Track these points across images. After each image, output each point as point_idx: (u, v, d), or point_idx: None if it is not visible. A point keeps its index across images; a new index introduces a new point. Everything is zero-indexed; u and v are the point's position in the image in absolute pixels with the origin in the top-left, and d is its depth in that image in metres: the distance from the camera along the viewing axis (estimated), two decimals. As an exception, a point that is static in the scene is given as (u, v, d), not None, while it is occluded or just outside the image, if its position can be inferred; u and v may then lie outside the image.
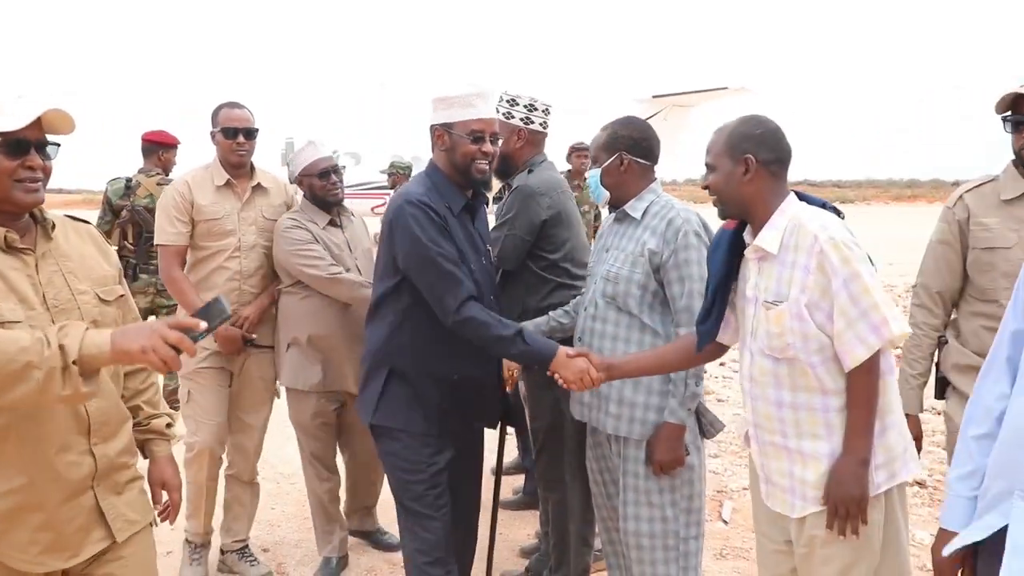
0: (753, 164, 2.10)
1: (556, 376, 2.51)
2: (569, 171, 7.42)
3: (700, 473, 2.63)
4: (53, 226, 1.84)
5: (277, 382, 3.54)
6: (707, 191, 2.21)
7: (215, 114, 3.45)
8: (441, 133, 2.60)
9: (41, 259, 1.78)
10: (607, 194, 2.73)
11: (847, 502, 2.00)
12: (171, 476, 2.13)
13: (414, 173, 3.97)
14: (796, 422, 2.09)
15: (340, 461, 3.71)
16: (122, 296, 1.97)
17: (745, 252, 2.20)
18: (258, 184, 3.47)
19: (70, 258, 1.86)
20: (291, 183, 3.56)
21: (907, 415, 2.35)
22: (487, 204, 2.85)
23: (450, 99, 2.57)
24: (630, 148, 2.68)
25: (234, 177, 3.42)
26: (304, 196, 3.47)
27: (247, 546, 3.60)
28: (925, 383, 2.76)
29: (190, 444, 3.38)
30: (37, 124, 1.74)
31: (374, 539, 3.84)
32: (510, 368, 3.05)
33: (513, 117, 3.19)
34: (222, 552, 3.58)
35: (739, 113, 2.21)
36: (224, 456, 3.52)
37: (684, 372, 2.53)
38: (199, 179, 3.41)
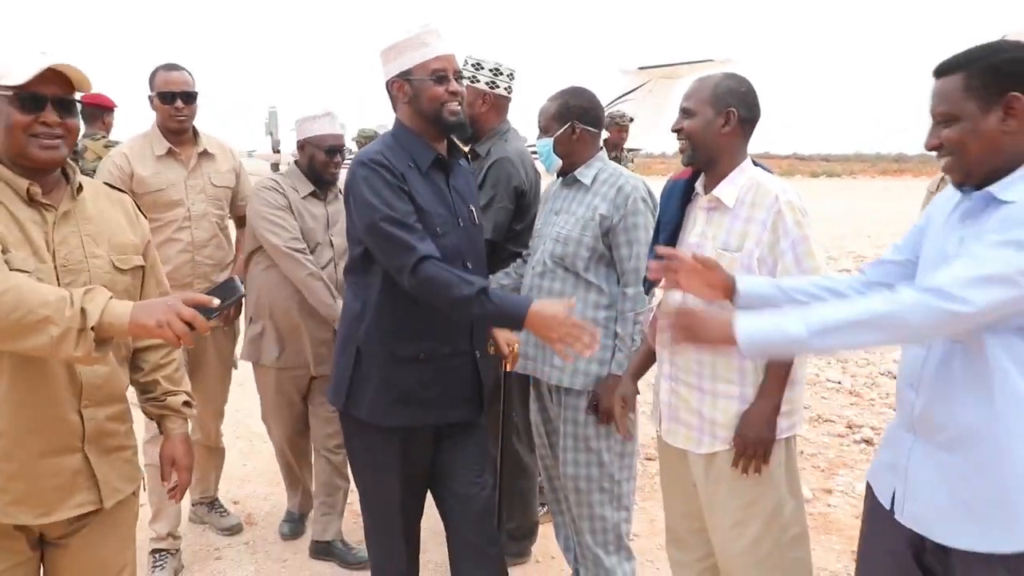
0: (734, 118, 2.21)
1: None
2: (606, 141, 7.09)
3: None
4: (80, 187, 1.85)
5: (236, 355, 3.52)
6: (677, 133, 2.28)
7: (151, 77, 3.27)
8: (400, 84, 2.34)
9: (61, 217, 1.80)
10: (558, 162, 2.85)
11: (756, 443, 2.18)
12: (182, 455, 2.09)
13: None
14: (713, 364, 2.25)
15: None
16: (140, 267, 1.96)
17: (695, 202, 2.34)
18: (204, 150, 3.34)
19: (92, 221, 1.86)
20: (295, 143, 3.36)
21: None
22: (467, 160, 2.62)
23: (399, 45, 2.33)
24: (580, 117, 2.81)
25: (176, 144, 3.27)
26: (295, 161, 3.33)
27: (217, 499, 3.73)
28: None
29: (148, 425, 3.17)
30: (57, 80, 1.73)
31: (337, 552, 3.45)
32: (509, 342, 2.84)
33: (479, 81, 3.25)
34: (192, 504, 3.72)
35: None
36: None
37: (630, 327, 2.69)
38: (137, 149, 3.25)
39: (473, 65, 3.27)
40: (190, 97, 3.26)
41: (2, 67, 1.71)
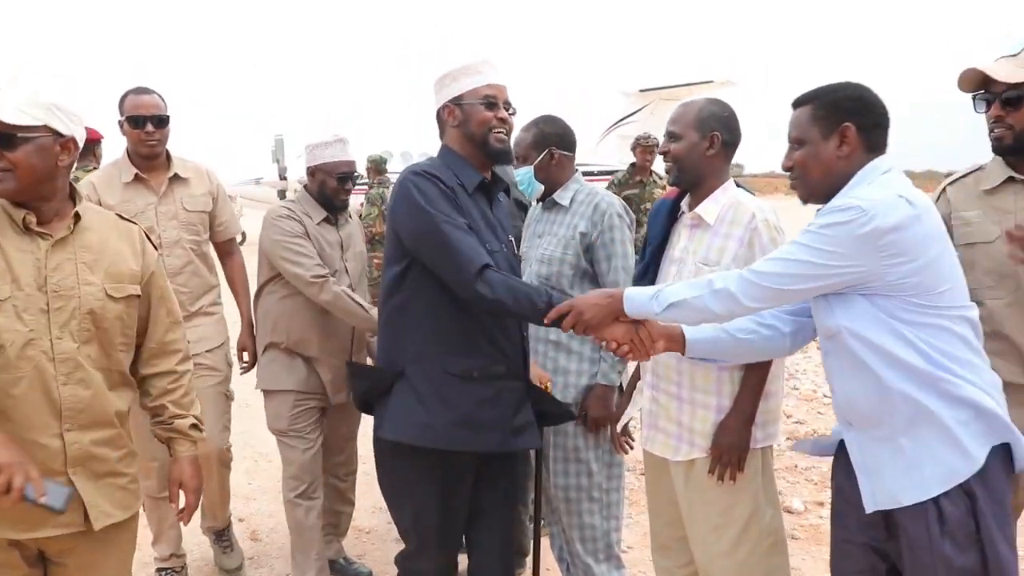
0: (717, 141, 2.36)
1: (571, 318, 2.18)
2: (633, 165, 7.09)
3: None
4: (77, 217, 1.93)
5: (230, 389, 3.40)
6: (664, 156, 2.44)
7: (121, 102, 3.17)
8: (452, 109, 2.38)
9: (56, 245, 1.88)
10: (540, 188, 3.00)
11: (731, 451, 2.29)
12: (189, 477, 2.11)
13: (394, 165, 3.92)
14: (691, 375, 2.37)
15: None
16: (136, 296, 2.00)
17: (681, 220, 2.48)
18: (175, 175, 3.23)
19: (90, 250, 1.93)
20: (304, 169, 3.24)
21: None
22: (507, 192, 2.64)
23: (454, 72, 2.37)
24: (557, 143, 2.98)
25: (144, 170, 3.17)
26: (304, 187, 3.22)
27: (225, 530, 3.57)
28: None
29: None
30: None
31: (339, 568, 3.48)
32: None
33: None
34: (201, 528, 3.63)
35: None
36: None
37: None
38: (106, 177, 3.18)
39: None
40: (161, 121, 3.15)
41: None
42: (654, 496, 2.59)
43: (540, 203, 3.06)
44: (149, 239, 2.13)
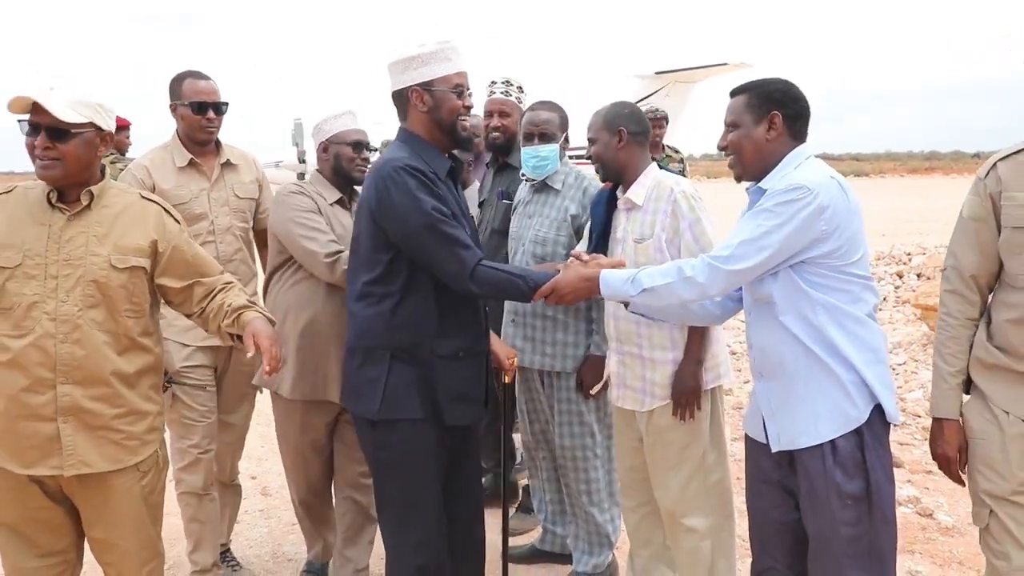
0: (625, 135, 2.70)
1: (552, 299, 2.41)
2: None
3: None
4: (92, 197, 2.14)
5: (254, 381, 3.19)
6: (590, 159, 2.77)
7: (177, 85, 3.11)
8: (420, 93, 2.40)
9: (72, 218, 2.12)
10: (555, 168, 3.15)
11: (686, 393, 2.59)
12: (261, 328, 2.20)
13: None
14: (650, 336, 2.65)
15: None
16: (141, 268, 2.18)
17: (618, 204, 2.78)
18: (227, 161, 3.20)
19: (101, 223, 2.14)
20: (316, 147, 3.08)
21: (941, 420, 2.21)
22: (467, 167, 2.79)
23: (424, 56, 2.39)
24: (566, 130, 3.22)
25: (198, 155, 3.13)
26: (317, 169, 3.08)
27: (228, 550, 3.50)
28: (964, 382, 2.23)
29: (181, 450, 3.05)
30: (40, 110, 2.04)
31: None
32: (508, 355, 2.94)
33: (510, 96, 3.61)
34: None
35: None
36: None
37: (606, 315, 2.97)
38: (159, 160, 3.10)
39: (504, 83, 3.61)
40: (221, 108, 3.14)
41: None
42: (620, 445, 2.88)
43: (529, 184, 3.27)
44: (171, 214, 2.32)
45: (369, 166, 2.96)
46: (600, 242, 2.78)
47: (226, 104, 3.16)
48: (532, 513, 3.68)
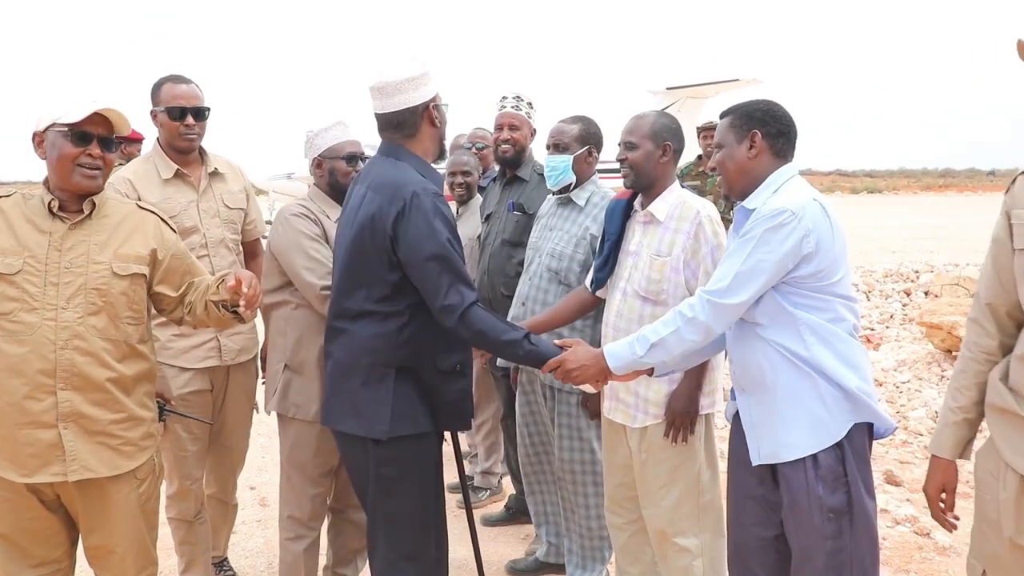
0: (669, 151, 2.69)
1: (558, 374, 2.42)
2: (699, 156, 6.43)
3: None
4: (93, 206, 2.18)
5: (258, 399, 3.10)
6: (621, 163, 2.70)
7: (156, 90, 2.97)
8: (432, 110, 2.42)
9: (74, 226, 2.15)
10: (571, 179, 3.14)
11: (682, 415, 2.59)
12: (242, 273, 2.23)
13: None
14: None
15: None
16: (141, 275, 2.22)
17: (634, 217, 2.77)
18: (214, 170, 3.07)
19: (101, 232, 2.18)
20: (309, 164, 3.00)
21: (933, 455, 2.08)
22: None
23: (428, 74, 2.40)
24: (596, 144, 3.21)
25: (183, 165, 2.98)
26: (314, 184, 2.97)
27: (226, 559, 3.49)
28: (971, 421, 2.03)
29: (170, 479, 3.01)
30: (101, 121, 2.13)
31: None
32: (482, 355, 2.91)
33: (520, 110, 3.64)
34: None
35: None
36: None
37: (603, 325, 2.95)
38: (142, 172, 2.96)
39: (515, 97, 3.64)
40: (201, 113, 2.97)
41: (60, 109, 2.12)
42: (610, 461, 2.87)
43: (554, 197, 3.28)
44: (167, 223, 2.37)
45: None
46: (612, 253, 2.77)
47: (208, 109, 3.00)
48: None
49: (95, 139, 2.13)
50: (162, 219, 2.36)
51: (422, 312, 2.35)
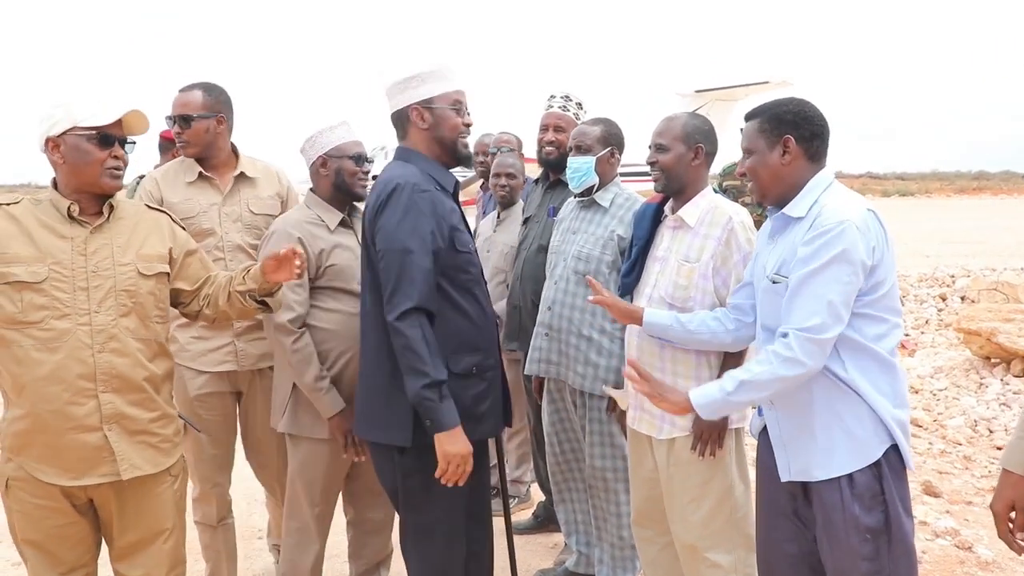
0: (701, 154, 2.61)
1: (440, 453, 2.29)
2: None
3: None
4: (112, 208, 2.22)
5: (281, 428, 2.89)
6: (652, 165, 2.62)
7: None
8: (420, 111, 2.41)
9: (95, 231, 2.17)
10: (593, 181, 3.10)
11: (711, 429, 2.50)
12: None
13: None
14: (673, 362, 2.59)
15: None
16: (165, 273, 2.27)
17: (664, 222, 2.70)
18: (241, 174, 3.03)
19: (122, 234, 2.21)
20: (309, 163, 2.87)
21: (1003, 468, 1.95)
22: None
23: (423, 75, 2.40)
24: (618, 145, 3.17)
25: (208, 168, 2.99)
26: (311, 189, 2.87)
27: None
28: None
29: (192, 481, 2.97)
30: (118, 123, 2.17)
31: None
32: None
33: (568, 111, 3.58)
34: None
35: None
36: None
37: (628, 333, 2.89)
38: (171, 173, 3.01)
39: (563, 97, 3.59)
40: (185, 120, 2.93)
41: (80, 112, 2.12)
42: (636, 473, 2.80)
43: (576, 199, 3.23)
44: (177, 222, 2.41)
45: (370, 180, 2.80)
46: (639, 259, 2.71)
47: (191, 116, 2.92)
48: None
49: (115, 141, 2.16)
50: (172, 218, 2.40)
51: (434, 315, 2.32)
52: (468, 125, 2.47)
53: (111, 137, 2.15)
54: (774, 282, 2.10)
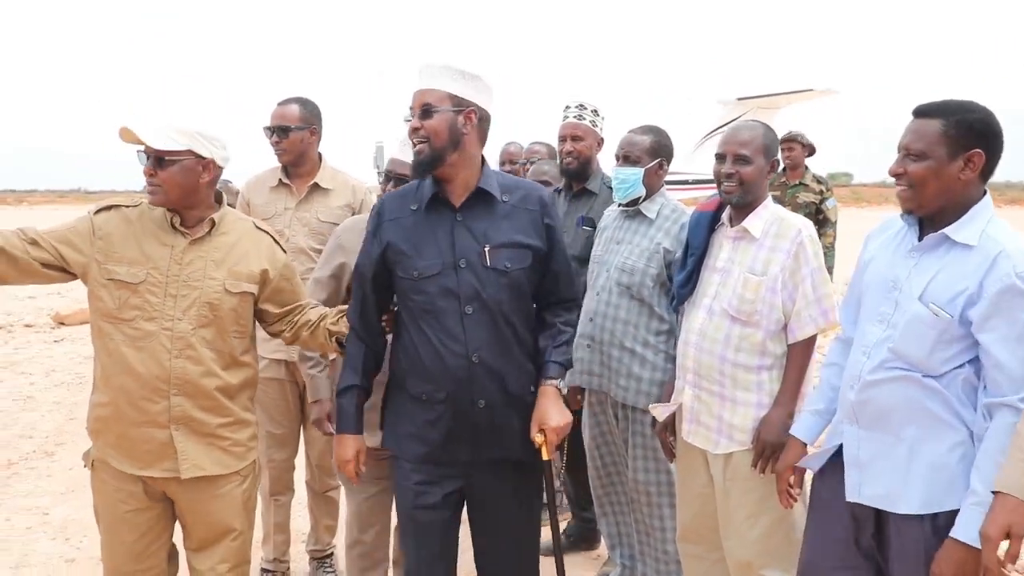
0: (776, 166, 2.58)
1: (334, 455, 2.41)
2: (784, 169, 6.21)
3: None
4: (213, 224, 2.30)
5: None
6: (729, 176, 2.51)
7: None
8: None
9: (192, 243, 2.27)
10: (640, 192, 3.04)
11: (772, 445, 2.43)
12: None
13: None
14: (733, 376, 2.52)
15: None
16: (250, 293, 2.34)
17: (720, 231, 2.64)
18: (315, 183, 3.29)
19: (219, 250, 2.30)
20: (380, 178, 3.06)
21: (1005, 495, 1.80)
22: (495, 198, 2.31)
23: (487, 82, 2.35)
24: (667, 156, 3.12)
25: (290, 176, 3.29)
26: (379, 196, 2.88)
27: (331, 555, 3.55)
28: None
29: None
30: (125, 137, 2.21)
31: None
32: (543, 426, 2.29)
33: (584, 120, 3.53)
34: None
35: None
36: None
37: (682, 343, 2.82)
38: (260, 179, 3.37)
39: (578, 106, 3.53)
40: (283, 131, 3.23)
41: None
42: (686, 487, 2.73)
43: (620, 208, 3.17)
44: (279, 243, 2.48)
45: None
46: (695, 269, 2.64)
47: (288, 128, 3.22)
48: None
49: (149, 156, 2.21)
50: (274, 240, 2.47)
51: (402, 329, 2.34)
52: (412, 129, 2.23)
53: (146, 153, 2.22)
54: (935, 314, 1.91)
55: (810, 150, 6.31)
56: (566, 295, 2.45)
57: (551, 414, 2.28)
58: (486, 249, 2.25)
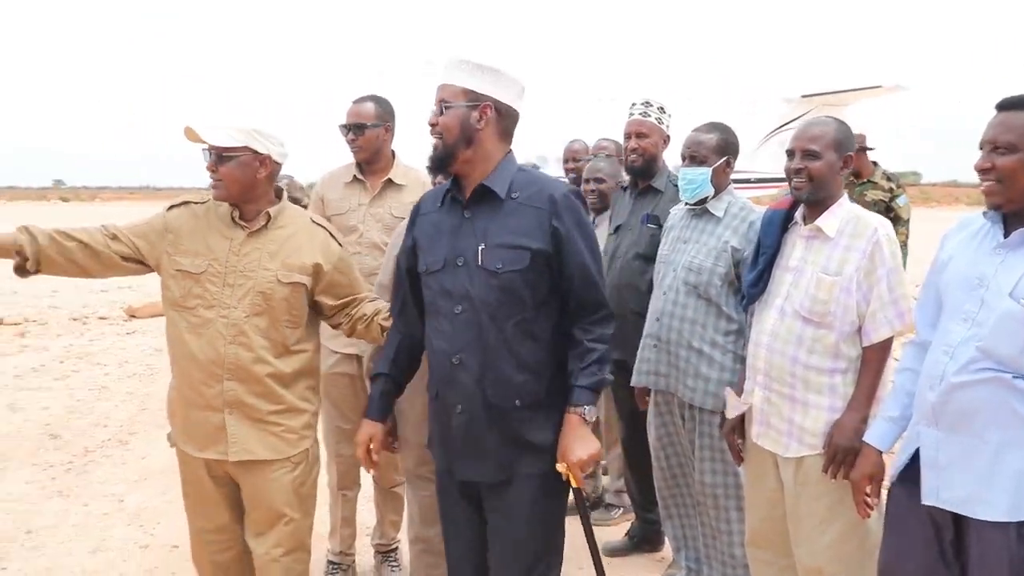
0: (850, 162, 2.50)
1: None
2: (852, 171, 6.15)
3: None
4: (269, 218, 2.41)
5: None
6: (798, 172, 2.46)
7: None
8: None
9: (250, 235, 2.40)
10: (709, 191, 3.02)
11: (845, 450, 2.36)
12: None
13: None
14: (805, 378, 2.46)
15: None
16: (301, 284, 2.41)
17: (794, 230, 2.58)
18: (389, 179, 3.32)
19: (274, 242, 2.41)
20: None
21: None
22: (503, 195, 2.18)
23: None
24: (734, 154, 3.09)
25: (365, 172, 3.33)
26: None
27: (395, 549, 3.59)
28: None
29: (326, 444, 3.28)
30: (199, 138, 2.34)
31: None
32: (588, 459, 2.15)
33: (649, 117, 3.51)
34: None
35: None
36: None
37: (753, 344, 2.76)
38: (336, 174, 3.41)
39: (643, 104, 3.52)
40: (359, 128, 3.25)
41: None
42: (754, 492, 2.68)
43: (686, 207, 3.13)
44: (335, 237, 2.56)
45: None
46: (767, 268, 2.58)
47: (363, 125, 3.23)
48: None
49: (210, 153, 2.34)
50: (331, 233, 2.55)
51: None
52: (430, 125, 2.20)
53: (208, 151, 2.35)
54: None
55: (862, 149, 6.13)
56: (588, 302, 2.20)
57: (573, 447, 2.12)
58: (480, 248, 2.15)
